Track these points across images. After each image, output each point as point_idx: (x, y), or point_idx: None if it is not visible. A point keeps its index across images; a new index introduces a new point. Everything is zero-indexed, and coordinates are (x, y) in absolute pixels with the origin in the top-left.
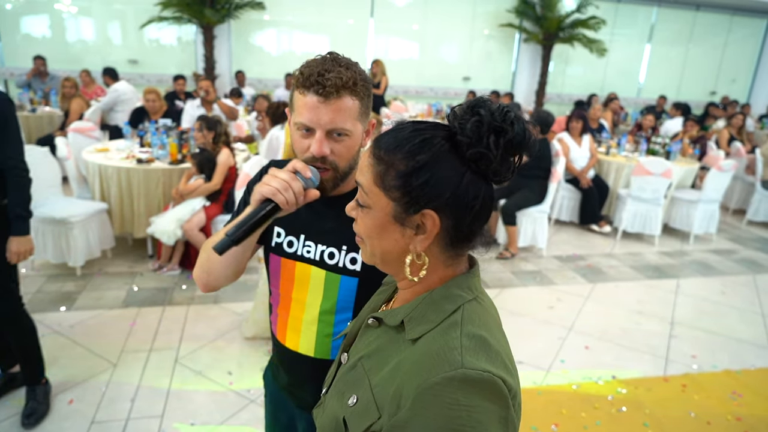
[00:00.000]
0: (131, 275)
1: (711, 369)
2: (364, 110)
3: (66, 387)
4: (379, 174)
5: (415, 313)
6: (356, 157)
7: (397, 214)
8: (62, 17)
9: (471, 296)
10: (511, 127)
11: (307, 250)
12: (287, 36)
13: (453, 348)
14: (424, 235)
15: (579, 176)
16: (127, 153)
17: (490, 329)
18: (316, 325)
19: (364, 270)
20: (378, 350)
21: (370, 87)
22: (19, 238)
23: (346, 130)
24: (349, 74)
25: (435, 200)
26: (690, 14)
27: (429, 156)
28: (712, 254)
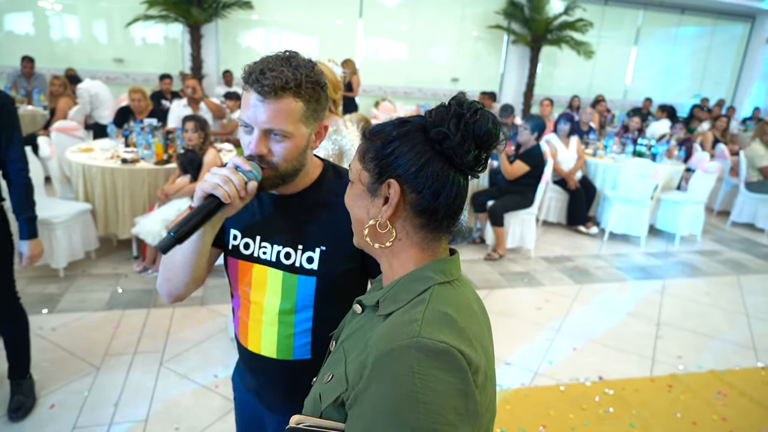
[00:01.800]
0: (115, 277)
1: (696, 369)
2: (311, 113)
3: (48, 391)
4: (361, 150)
5: (390, 293)
6: (301, 159)
7: (369, 184)
8: (46, 15)
9: (443, 279)
10: (472, 114)
11: (263, 251)
12: (275, 36)
13: (413, 320)
14: (389, 203)
15: (567, 177)
16: (112, 153)
17: (458, 310)
18: (277, 326)
19: (322, 268)
20: (356, 331)
21: (320, 90)
22: (32, 241)
23: (284, 132)
24: (293, 75)
25: (398, 171)
26: (675, 17)
27: (400, 132)
28: (697, 255)
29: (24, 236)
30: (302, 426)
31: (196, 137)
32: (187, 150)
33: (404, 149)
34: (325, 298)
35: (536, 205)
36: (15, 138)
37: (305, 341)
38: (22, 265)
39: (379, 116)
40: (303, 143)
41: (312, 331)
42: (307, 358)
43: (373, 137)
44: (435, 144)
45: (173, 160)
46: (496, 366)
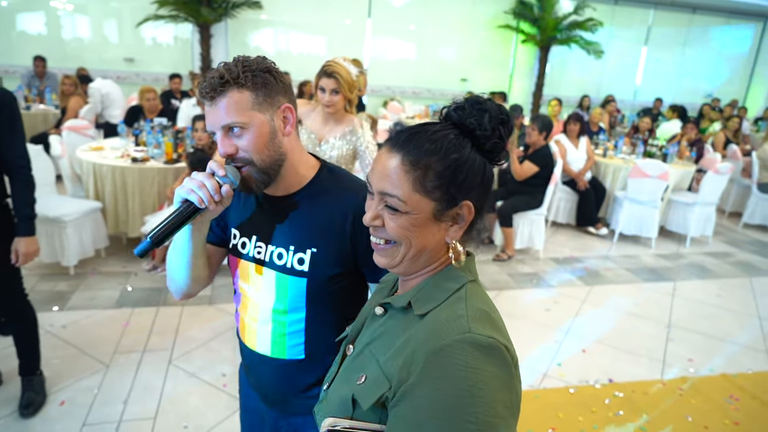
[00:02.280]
0: (125, 275)
1: (708, 373)
2: (262, 99)
3: (58, 388)
4: (417, 179)
5: (422, 294)
6: (273, 147)
7: (437, 211)
8: (58, 15)
9: (472, 277)
10: (509, 118)
11: (258, 251)
12: (284, 36)
13: (460, 316)
14: (462, 224)
15: (576, 178)
16: (122, 152)
17: (491, 307)
18: (270, 324)
19: (312, 270)
20: (384, 333)
21: (264, 74)
22: (27, 238)
23: (239, 123)
24: (227, 69)
25: (472, 191)
26: (686, 17)
27: (461, 153)
28: (708, 257)
29: (20, 233)
30: (339, 428)
31: (206, 136)
32: (196, 149)
33: (471, 170)
34: (316, 299)
35: (545, 205)
36: (17, 135)
37: (298, 341)
38: (18, 263)
39: (388, 116)
40: (266, 130)
41: (305, 331)
42: (299, 358)
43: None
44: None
45: (183, 159)
46: None
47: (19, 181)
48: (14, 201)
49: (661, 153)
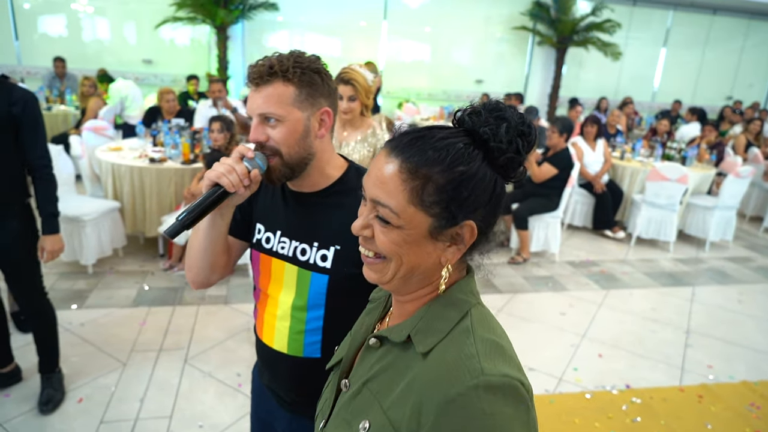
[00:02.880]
0: (142, 274)
1: (728, 380)
2: (305, 97)
3: (76, 385)
4: (415, 190)
5: (422, 324)
6: (303, 145)
7: (433, 229)
8: (78, 17)
9: (475, 300)
10: (530, 130)
11: (281, 246)
12: (300, 37)
13: (470, 356)
14: (461, 245)
15: (593, 181)
16: (140, 152)
17: (498, 333)
18: (289, 321)
19: (334, 267)
20: (384, 370)
21: (312, 74)
22: (52, 236)
23: (276, 115)
24: (279, 61)
25: (477, 210)
26: (707, 18)
27: (468, 166)
28: (728, 262)
29: (45, 231)
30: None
31: (222, 137)
32: (213, 150)
33: (478, 186)
34: (336, 297)
35: (562, 208)
36: (39, 135)
37: (315, 339)
38: (44, 260)
39: (402, 117)
40: (300, 128)
41: (322, 330)
42: (316, 357)
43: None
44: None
45: (199, 160)
46: None
47: (42, 181)
48: (38, 200)
49: (680, 156)
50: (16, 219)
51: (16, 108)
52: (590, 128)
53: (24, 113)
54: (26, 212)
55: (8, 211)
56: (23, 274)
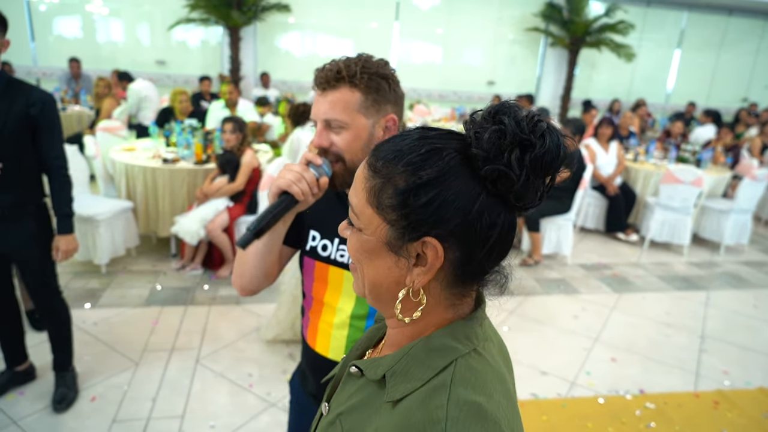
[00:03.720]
0: (154, 274)
1: (744, 386)
2: (371, 103)
3: (89, 384)
4: (373, 190)
5: (399, 366)
6: (366, 152)
7: (391, 239)
8: (93, 19)
9: (468, 348)
10: (540, 141)
11: (340, 254)
12: (311, 39)
13: (436, 421)
14: (424, 267)
15: (605, 183)
16: (153, 152)
17: (488, 391)
18: (347, 329)
19: None
20: (357, 407)
21: (380, 80)
22: (67, 236)
23: (340, 122)
24: (346, 65)
25: (439, 226)
26: (722, 19)
27: (435, 171)
28: (743, 266)
29: (60, 231)
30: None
31: (234, 138)
32: (225, 151)
33: (446, 197)
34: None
35: (574, 210)
36: (55, 136)
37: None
38: (59, 260)
39: (414, 119)
40: (364, 134)
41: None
42: None
43: (390, 173)
44: (487, 183)
45: (212, 161)
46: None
47: (57, 181)
48: (53, 200)
49: (695, 158)
50: (32, 219)
51: (34, 109)
52: (605, 130)
53: (42, 114)
54: (42, 212)
55: (25, 210)
56: (39, 272)
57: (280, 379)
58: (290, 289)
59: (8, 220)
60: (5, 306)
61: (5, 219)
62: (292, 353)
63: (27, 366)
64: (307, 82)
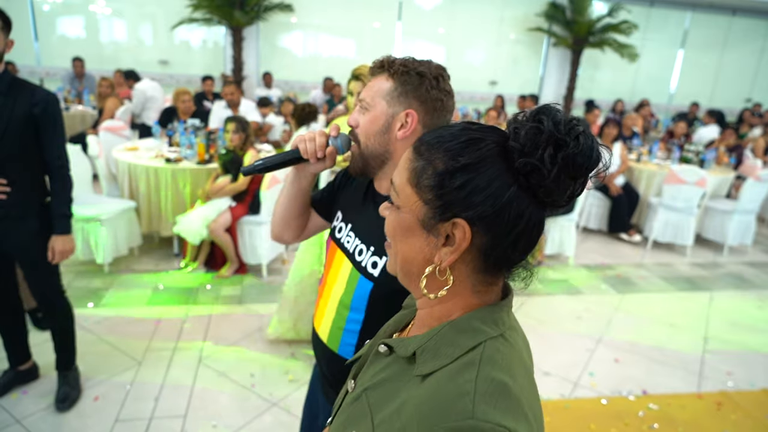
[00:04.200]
0: (157, 273)
1: (748, 387)
2: (397, 94)
3: (92, 383)
4: (415, 171)
5: (429, 344)
6: (380, 139)
7: (425, 218)
8: (96, 19)
9: (496, 332)
10: (575, 142)
11: (347, 239)
12: (314, 38)
13: (465, 393)
14: (452, 247)
15: (607, 183)
16: (156, 152)
17: (513, 373)
18: (334, 314)
19: (381, 277)
20: (384, 382)
21: (414, 76)
22: (63, 237)
23: (366, 103)
24: (394, 59)
25: (470, 210)
26: (726, 19)
27: (472, 158)
28: (747, 267)
29: (57, 231)
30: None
31: (237, 138)
32: (228, 150)
33: (479, 183)
34: (377, 307)
35: (577, 211)
36: (58, 136)
37: (351, 341)
38: (54, 260)
39: None
40: (381, 120)
41: (359, 334)
42: (348, 358)
43: (432, 156)
44: (520, 176)
45: (214, 161)
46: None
47: (58, 181)
48: (52, 199)
49: (698, 159)
50: (35, 218)
51: (37, 108)
52: (611, 130)
53: (45, 113)
54: (46, 211)
55: (28, 210)
56: (42, 272)
57: (283, 380)
58: (291, 291)
59: (11, 219)
60: (8, 305)
61: (8, 218)
62: (295, 353)
63: (30, 365)
64: (309, 82)
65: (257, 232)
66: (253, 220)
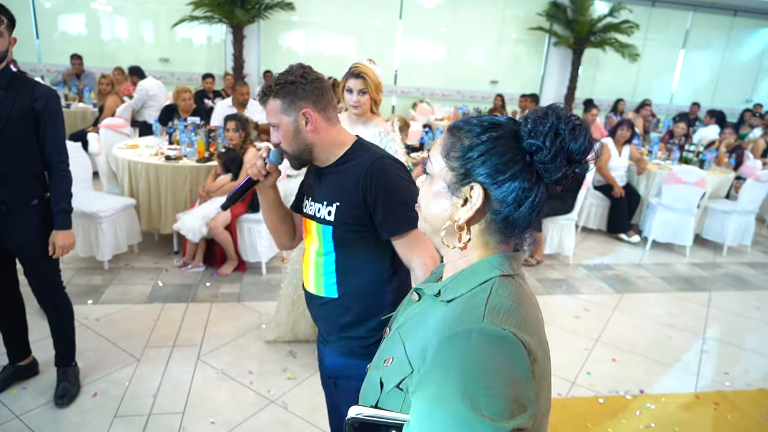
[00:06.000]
0: (156, 271)
1: (745, 387)
2: (287, 105)
3: (91, 380)
4: (446, 145)
5: (451, 283)
6: (297, 140)
7: (451, 183)
8: (98, 16)
9: (506, 272)
10: (571, 133)
11: (309, 207)
12: (315, 37)
13: (477, 307)
14: (469, 206)
15: (614, 185)
16: (156, 150)
17: (520, 302)
18: (314, 266)
19: (336, 219)
20: (413, 318)
21: (289, 86)
22: (64, 232)
23: (273, 124)
24: (269, 83)
25: (486, 176)
26: (727, 19)
27: (492, 137)
28: (746, 267)
29: (58, 227)
30: (361, 416)
31: (237, 136)
32: (228, 149)
33: (493, 155)
34: (342, 245)
35: (576, 211)
36: (57, 131)
37: (331, 280)
38: (54, 255)
39: (417, 118)
40: (290, 129)
41: (336, 272)
42: (334, 296)
43: (461, 134)
44: (526, 155)
45: (214, 158)
46: None
47: (57, 176)
48: (52, 195)
49: (698, 159)
50: (35, 214)
51: (38, 103)
52: (624, 132)
53: (45, 108)
54: (46, 207)
55: (28, 205)
56: (42, 268)
57: (281, 377)
58: (289, 293)
59: (11, 214)
60: (9, 301)
61: (8, 214)
62: (293, 351)
63: (29, 361)
64: None
65: (257, 230)
66: (252, 218)
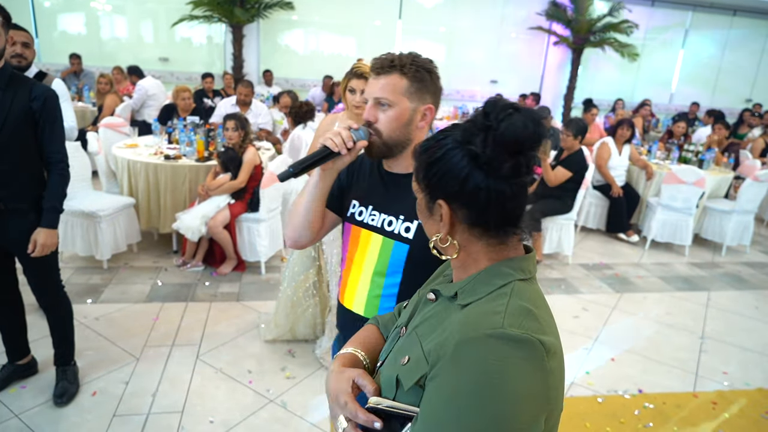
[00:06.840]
0: (156, 270)
1: (743, 386)
2: (415, 90)
3: (90, 379)
4: (415, 171)
5: (468, 286)
6: (404, 130)
7: (426, 203)
8: (97, 15)
9: (523, 276)
10: (502, 124)
11: (372, 218)
12: (314, 36)
13: (497, 312)
14: (440, 222)
15: (612, 184)
16: (156, 149)
17: (538, 306)
18: (369, 286)
19: (416, 238)
20: (430, 318)
21: (425, 72)
22: (48, 230)
23: (389, 101)
24: (399, 56)
25: (446, 191)
26: (726, 19)
27: (439, 153)
28: (745, 267)
29: (43, 224)
30: (381, 407)
31: (236, 136)
32: (227, 148)
33: (444, 169)
34: (414, 266)
35: (575, 210)
36: (56, 130)
37: (390, 305)
38: (34, 253)
39: None
40: (405, 115)
41: (398, 296)
42: None
43: (419, 158)
44: (470, 161)
45: (214, 158)
46: None
47: (55, 175)
48: (46, 192)
49: (697, 159)
50: (34, 213)
51: (36, 103)
52: (625, 131)
53: (43, 108)
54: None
55: (27, 204)
56: (41, 267)
57: (280, 376)
58: (288, 295)
59: (10, 213)
60: (8, 300)
61: (7, 212)
62: (292, 350)
63: (29, 360)
64: (309, 79)
65: (256, 229)
66: (251, 217)
